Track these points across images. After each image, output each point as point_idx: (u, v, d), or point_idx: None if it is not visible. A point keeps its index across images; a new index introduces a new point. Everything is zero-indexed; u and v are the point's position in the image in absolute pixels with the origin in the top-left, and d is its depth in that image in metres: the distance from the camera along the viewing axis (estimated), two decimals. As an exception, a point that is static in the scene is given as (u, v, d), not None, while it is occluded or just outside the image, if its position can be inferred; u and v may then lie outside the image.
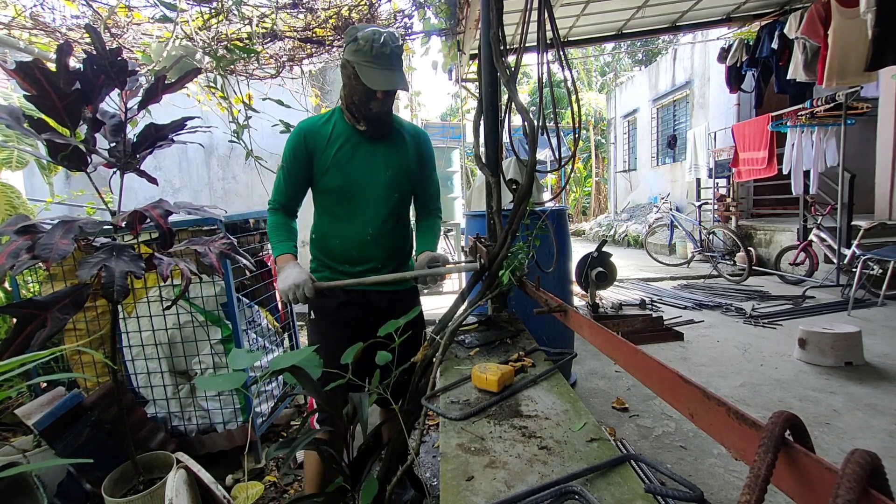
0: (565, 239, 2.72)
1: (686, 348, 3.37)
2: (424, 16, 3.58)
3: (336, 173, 1.44)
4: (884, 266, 4.04)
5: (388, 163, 1.49)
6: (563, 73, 1.61)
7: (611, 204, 13.33)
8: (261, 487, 1.87)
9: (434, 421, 2.33)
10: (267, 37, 3.28)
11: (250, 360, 0.93)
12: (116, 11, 2.94)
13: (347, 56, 1.35)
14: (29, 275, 2.50)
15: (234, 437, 2.03)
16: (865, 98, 5.38)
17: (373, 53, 1.30)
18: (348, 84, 1.39)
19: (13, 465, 1.61)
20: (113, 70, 1.34)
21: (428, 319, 1.68)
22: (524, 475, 0.74)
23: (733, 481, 1.83)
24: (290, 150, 1.45)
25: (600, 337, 0.92)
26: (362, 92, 1.37)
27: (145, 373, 2.05)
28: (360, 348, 1.11)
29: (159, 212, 1.38)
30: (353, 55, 1.33)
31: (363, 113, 1.41)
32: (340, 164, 1.44)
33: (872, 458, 0.36)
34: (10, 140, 2.37)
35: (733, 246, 6.34)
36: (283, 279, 1.37)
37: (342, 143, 1.45)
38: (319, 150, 1.44)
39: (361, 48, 1.31)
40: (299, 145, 1.44)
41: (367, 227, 1.48)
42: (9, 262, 1.13)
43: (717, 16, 4.91)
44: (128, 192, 1.63)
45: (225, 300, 2.06)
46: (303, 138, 1.44)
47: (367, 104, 1.39)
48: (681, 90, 9.17)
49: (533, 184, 1.37)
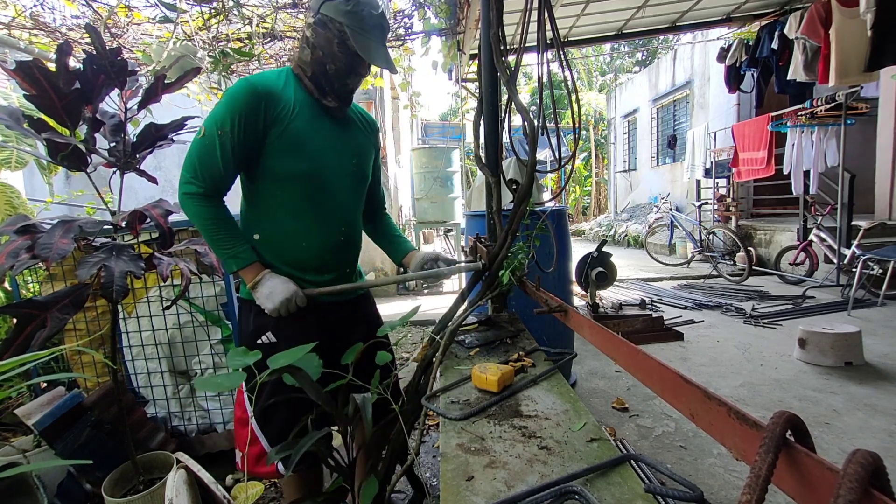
0: (565, 239, 2.72)
1: (686, 348, 3.37)
2: (424, 16, 3.59)
3: (300, 154, 1.13)
4: (884, 266, 4.05)
5: (354, 149, 1.25)
6: (563, 73, 1.61)
7: (611, 204, 13.33)
8: (261, 487, 1.87)
9: (434, 421, 2.33)
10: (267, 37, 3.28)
11: (249, 361, 0.93)
12: (116, 11, 2.94)
13: (332, 14, 1.08)
14: (29, 275, 2.50)
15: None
16: (865, 98, 5.39)
17: (371, 22, 1.10)
18: (325, 48, 1.10)
19: (13, 465, 1.61)
20: (113, 70, 1.34)
21: (428, 319, 1.68)
22: (524, 475, 0.74)
23: (733, 481, 1.83)
24: (240, 115, 1.06)
25: (600, 337, 0.92)
26: (345, 62, 1.12)
27: (145, 373, 2.05)
28: (361, 349, 1.11)
29: (159, 211, 1.38)
30: (342, 16, 1.07)
31: (335, 87, 1.16)
32: (305, 142, 1.13)
33: (874, 459, 0.36)
34: (9, 140, 2.37)
35: (733, 246, 6.34)
36: (267, 296, 1.11)
37: (308, 116, 1.14)
38: (279, 122, 1.10)
39: (355, 10, 1.07)
40: (254, 109, 1.07)
41: (340, 226, 1.23)
42: (8, 262, 1.13)
43: (717, 16, 4.91)
44: (128, 192, 1.63)
45: (225, 300, 2.06)
46: (260, 101, 1.08)
47: (346, 77, 1.15)
48: (681, 90, 9.17)
49: (533, 184, 1.37)
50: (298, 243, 1.19)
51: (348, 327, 1.33)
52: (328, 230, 1.22)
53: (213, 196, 1.13)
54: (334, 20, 1.08)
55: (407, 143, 10.72)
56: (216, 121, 1.07)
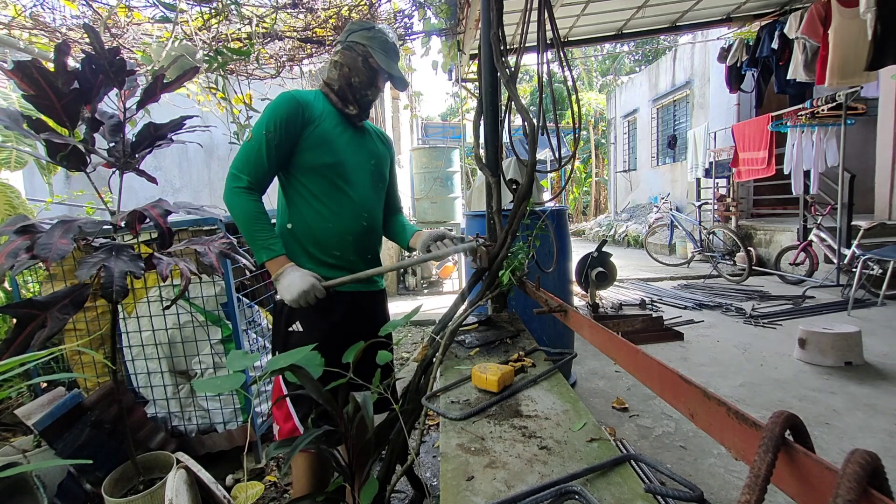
0: (565, 239, 2.72)
1: (686, 348, 3.37)
2: (424, 16, 3.58)
3: (327, 149, 1.38)
4: (884, 266, 4.05)
5: (372, 152, 1.50)
6: (564, 73, 1.61)
7: (611, 204, 13.33)
8: (261, 487, 1.87)
9: (434, 421, 2.33)
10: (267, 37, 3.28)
11: (248, 362, 0.93)
12: (116, 11, 2.94)
13: (358, 39, 1.39)
14: (29, 275, 2.51)
15: (234, 437, 2.03)
16: (865, 98, 5.39)
17: (388, 46, 1.41)
18: (352, 66, 1.40)
19: (13, 465, 1.61)
20: (111, 70, 1.34)
21: (428, 319, 1.68)
22: (524, 475, 0.74)
23: (733, 481, 1.83)
24: (283, 119, 1.32)
25: (600, 337, 0.92)
26: (367, 76, 1.41)
27: (145, 373, 2.05)
28: (362, 347, 1.11)
29: (159, 211, 1.38)
30: (366, 40, 1.39)
31: (357, 97, 1.43)
32: (331, 140, 1.39)
33: (873, 458, 0.36)
34: (9, 140, 2.37)
35: (733, 246, 6.34)
36: (287, 287, 1.27)
37: (331, 122, 1.41)
38: (312, 123, 1.37)
39: (376, 36, 1.39)
40: (295, 113, 1.33)
41: (362, 212, 1.43)
42: (8, 262, 1.13)
43: (717, 16, 4.91)
44: (127, 192, 1.63)
45: (225, 300, 2.06)
46: (299, 107, 1.35)
47: (367, 89, 1.43)
48: (681, 90, 9.17)
49: (533, 184, 1.37)
50: (325, 226, 1.38)
51: (369, 319, 1.47)
52: (351, 215, 1.41)
53: (256, 191, 1.34)
54: (359, 43, 1.38)
55: (407, 143, 10.71)
56: (263, 125, 1.32)
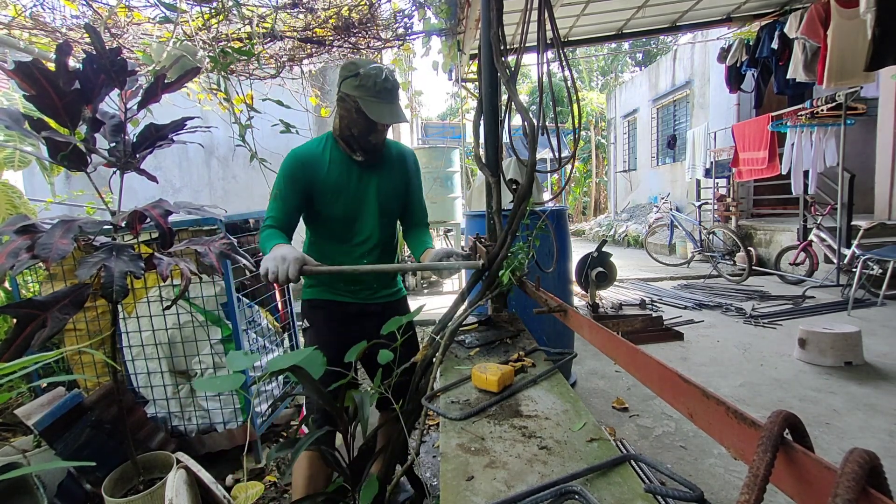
0: (565, 239, 2.72)
1: (686, 348, 3.37)
2: (424, 16, 3.58)
3: (338, 203, 1.46)
4: (883, 266, 4.05)
5: (380, 189, 1.53)
6: (564, 73, 1.61)
7: (611, 204, 13.33)
8: (261, 487, 1.87)
9: (434, 421, 2.33)
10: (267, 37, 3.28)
11: (248, 362, 0.93)
12: (116, 11, 2.94)
13: (347, 91, 1.36)
14: (29, 275, 2.51)
15: (234, 436, 2.03)
16: (865, 98, 5.38)
17: (377, 89, 1.34)
18: (347, 117, 1.40)
19: (13, 465, 1.61)
20: (112, 70, 1.34)
21: (428, 319, 1.69)
22: (524, 475, 0.74)
23: (733, 481, 1.83)
24: (287, 177, 1.42)
25: (600, 337, 0.92)
26: (363, 125, 1.39)
27: (145, 373, 2.05)
28: (364, 347, 1.11)
29: (159, 211, 1.38)
30: (354, 90, 1.34)
31: (361, 144, 1.44)
32: (340, 193, 1.46)
33: (871, 458, 0.36)
34: (11, 140, 2.37)
35: (733, 246, 6.34)
36: (269, 256, 1.26)
37: (340, 170, 1.46)
38: (319, 178, 1.44)
39: (364, 84, 1.33)
40: (295, 173, 1.42)
41: (364, 251, 1.53)
42: (8, 262, 1.13)
43: (717, 16, 4.91)
44: (128, 192, 1.63)
45: (225, 300, 2.06)
46: (300, 166, 1.43)
47: (367, 136, 1.42)
48: (681, 90, 9.17)
49: (533, 184, 1.37)
50: (334, 261, 1.51)
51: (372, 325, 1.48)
52: (355, 256, 1.53)
53: (280, 228, 1.45)
54: (350, 95, 1.36)
55: (407, 143, 10.72)
56: (277, 182, 1.45)
